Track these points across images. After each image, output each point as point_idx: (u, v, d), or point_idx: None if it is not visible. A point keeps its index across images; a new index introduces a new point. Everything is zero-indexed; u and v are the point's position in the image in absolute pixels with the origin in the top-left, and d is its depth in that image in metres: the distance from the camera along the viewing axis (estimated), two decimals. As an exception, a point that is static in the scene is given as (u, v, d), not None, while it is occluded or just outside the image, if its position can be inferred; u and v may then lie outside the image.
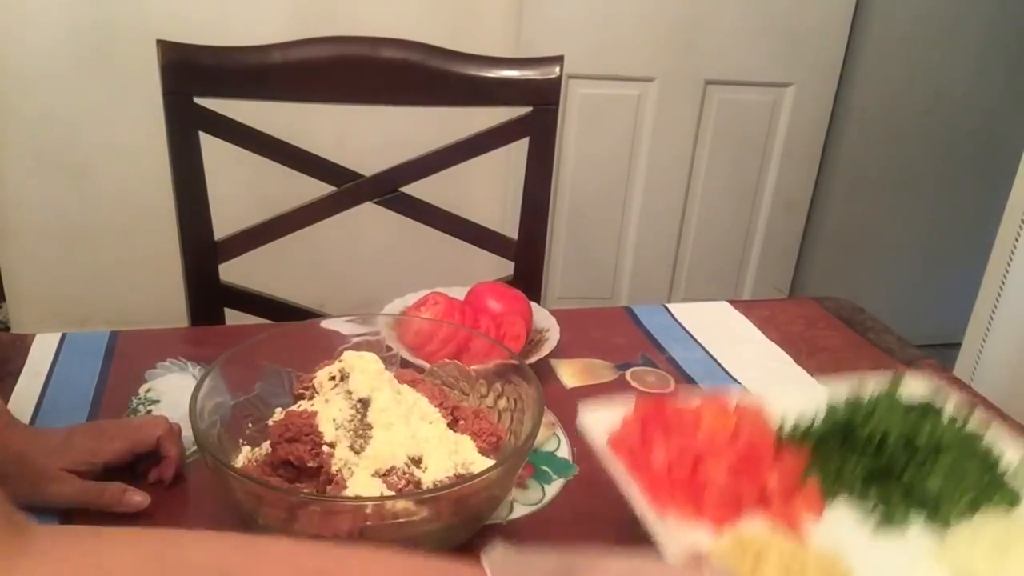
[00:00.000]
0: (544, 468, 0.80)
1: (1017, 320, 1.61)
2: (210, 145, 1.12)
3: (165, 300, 1.43)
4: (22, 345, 0.93)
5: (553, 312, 0.99)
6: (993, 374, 1.67)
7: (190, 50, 1.12)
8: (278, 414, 0.73)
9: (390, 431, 0.68)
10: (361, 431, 0.68)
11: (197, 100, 1.11)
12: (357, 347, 0.75)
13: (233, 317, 1.20)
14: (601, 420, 0.66)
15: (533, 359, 0.90)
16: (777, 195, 2.36)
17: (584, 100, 2.14)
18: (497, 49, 1.39)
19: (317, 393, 0.72)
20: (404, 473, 0.66)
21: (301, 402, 0.72)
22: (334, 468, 0.66)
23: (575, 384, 0.93)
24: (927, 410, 0.66)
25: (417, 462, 0.67)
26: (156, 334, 1.00)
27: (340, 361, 0.72)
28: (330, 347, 0.78)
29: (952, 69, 2.32)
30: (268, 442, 0.70)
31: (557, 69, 1.21)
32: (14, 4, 1.85)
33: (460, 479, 0.67)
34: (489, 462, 0.70)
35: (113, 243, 2.09)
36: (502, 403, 0.77)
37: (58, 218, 2.04)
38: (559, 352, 0.94)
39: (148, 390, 0.86)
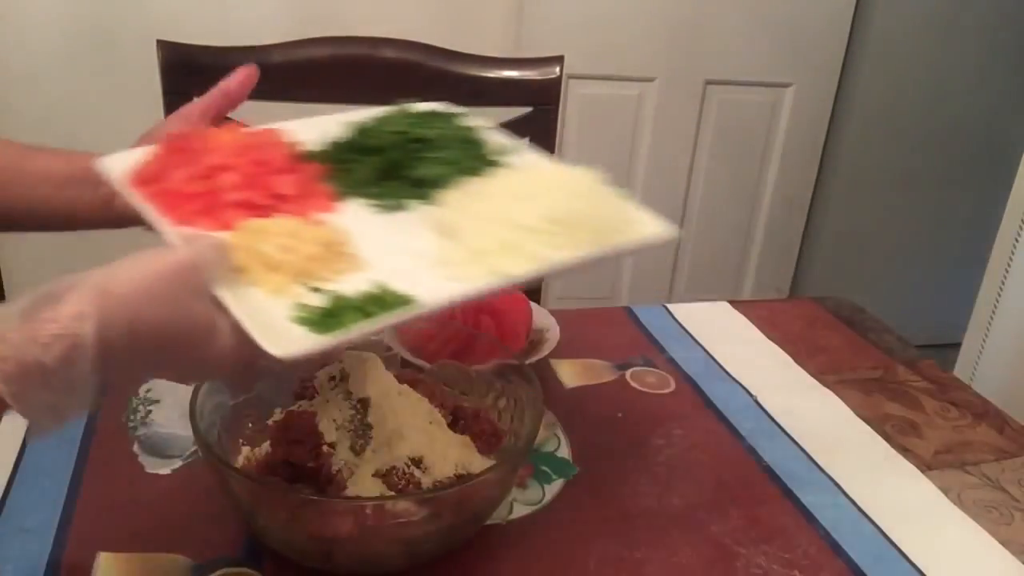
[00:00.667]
0: (544, 468, 0.80)
1: (1017, 320, 1.61)
2: (210, 145, 1.12)
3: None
4: (22, 345, 0.93)
5: (553, 312, 0.99)
6: (993, 374, 1.67)
7: (190, 50, 1.12)
8: (278, 414, 0.73)
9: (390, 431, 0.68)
10: (361, 431, 0.68)
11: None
12: (357, 347, 0.75)
13: (233, 317, 1.20)
14: (122, 160, 0.68)
15: (533, 359, 0.90)
16: (777, 195, 2.36)
17: (584, 100, 2.14)
18: (497, 49, 1.39)
19: (317, 393, 0.72)
20: (404, 473, 0.66)
21: (301, 402, 0.72)
22: (334, 468, 0.66)
23: (575, 384, 0.94)
24: (428, 116, 0.76)
25: (417, 462, 0.67)
26: (156, 334, 1.00)
27: (340, 362, 0.72)
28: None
29: (953, 69, 2.32)
30: (268, 442, 0.70)
31: (557, 69, 1.21)
32: (14, 4, 1.85)
33: (460, 479, 0.67)
34: (489, 462, 0.70)
35: (113, 243, 2.08)
36: (502, 403, 0.77)
37: (58, 218, 2.04)
38: (559, 352, 0.94)
39: (148, 390, 0.86)
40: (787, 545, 0.72)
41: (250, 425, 0.74)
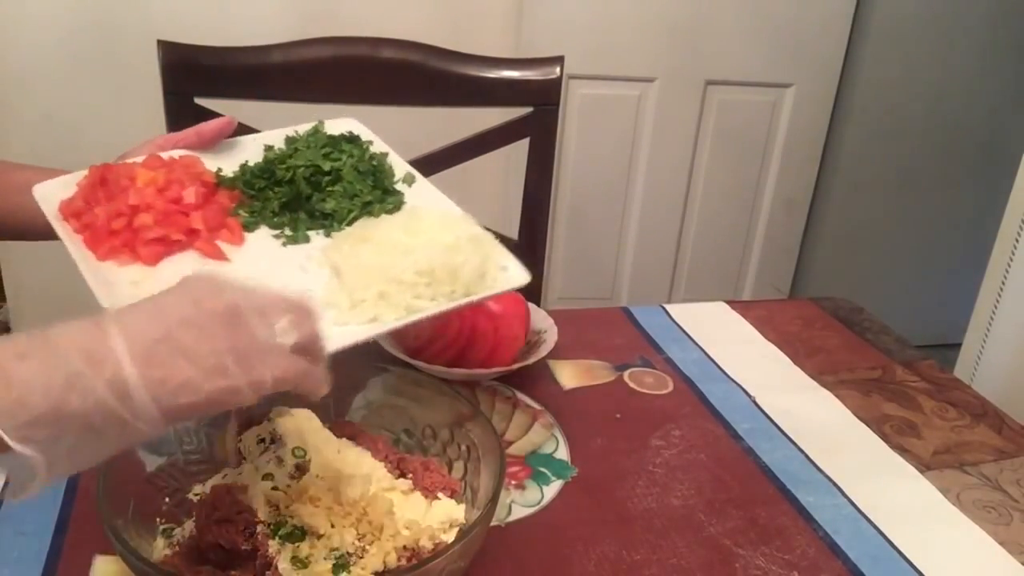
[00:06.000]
0: (542, 470, 0.80)
1: (1017, 320, 1.61)
2: (210, 146, 1.12)
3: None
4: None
5: (551, 313, 0.99)
6: (993, 374, 1.66)
7: (190, 50, 1.12)
8: (199, 488, 0.65)
9: (333, 501, 0.61)
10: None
11: (197, 100, 1.11)
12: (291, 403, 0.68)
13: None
14: (53, 190, 0.72)
15: (531, 360, 0.90)
16: (777, 195, 2.36)
17: (584, 100, 2.14)
18: (497, 49, 1.39)
19: (244, 459, 0.64)
20: (354, 548, 0.59)
21: (227, 470, 0.64)
22: (272, 550, 0.58)
23: (573, 385, 0.94)
24: (341, 144, 0.81)
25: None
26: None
27: (270, 420, 0.65)
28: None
29: (953, 69, 2.32)
30: (192, 520, 0.61)
31: (557, 69, 1.21)
32: (14, 4, 1.85)
33: (416, 559, 0.60)
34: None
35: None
36: (452, 451, 0.70)
37: (58, 218, 2.04)
38: (557, 353, 0.94)
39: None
40: (786, 546, 0.73)
41: (167, 500, 0.64)
